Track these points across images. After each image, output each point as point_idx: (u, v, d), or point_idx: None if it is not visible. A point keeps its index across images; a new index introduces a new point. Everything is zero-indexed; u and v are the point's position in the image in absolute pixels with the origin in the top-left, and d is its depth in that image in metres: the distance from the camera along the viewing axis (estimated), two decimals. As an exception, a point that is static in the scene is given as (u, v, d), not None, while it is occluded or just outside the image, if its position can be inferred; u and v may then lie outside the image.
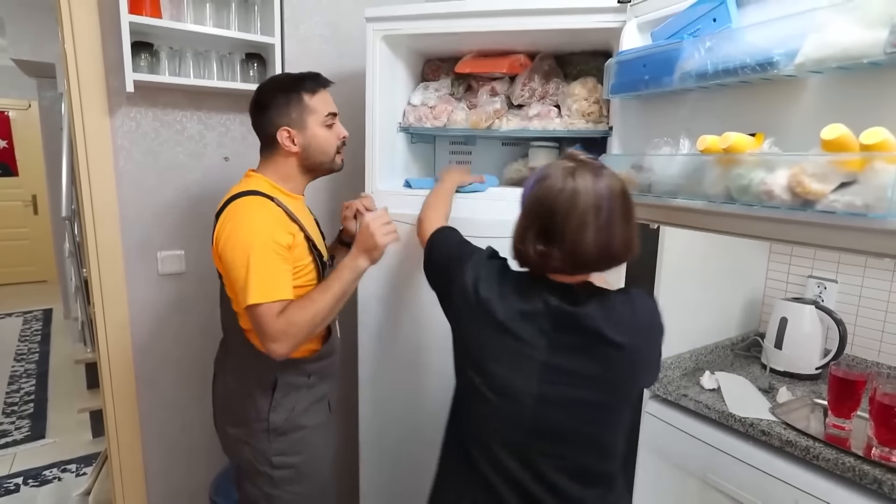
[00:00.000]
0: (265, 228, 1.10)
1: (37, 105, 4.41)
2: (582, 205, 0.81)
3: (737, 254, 1.65)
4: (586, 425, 0.86)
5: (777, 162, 0.88)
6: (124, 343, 1.57)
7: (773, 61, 0.88)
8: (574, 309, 0.85)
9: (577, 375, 0.84)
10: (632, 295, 0.91)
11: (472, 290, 0.92)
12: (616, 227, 0.83)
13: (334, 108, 1.23)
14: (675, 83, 1.07)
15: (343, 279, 1.15)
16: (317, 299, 1.11)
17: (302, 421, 1.22)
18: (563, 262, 0.85)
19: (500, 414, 0.88)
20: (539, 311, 0.86)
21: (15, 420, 2.97)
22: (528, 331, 0.86)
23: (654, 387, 1.45)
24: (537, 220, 0.86)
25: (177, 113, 1.57)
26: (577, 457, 0.87)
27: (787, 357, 1.50)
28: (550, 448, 0.87)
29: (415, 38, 1.43)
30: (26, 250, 5.69)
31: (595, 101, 1.36)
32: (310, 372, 1.23)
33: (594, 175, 0.84)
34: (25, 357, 3.88)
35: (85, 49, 1.40)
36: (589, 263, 0.86)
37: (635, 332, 0.86)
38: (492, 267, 0.95)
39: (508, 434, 0.88)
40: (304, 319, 1.09)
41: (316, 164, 1.23)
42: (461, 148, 1.68)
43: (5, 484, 2.40)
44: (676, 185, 1.07)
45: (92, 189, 1.46)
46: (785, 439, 1.19)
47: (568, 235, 0.82)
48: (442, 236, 1.10)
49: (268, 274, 1.08)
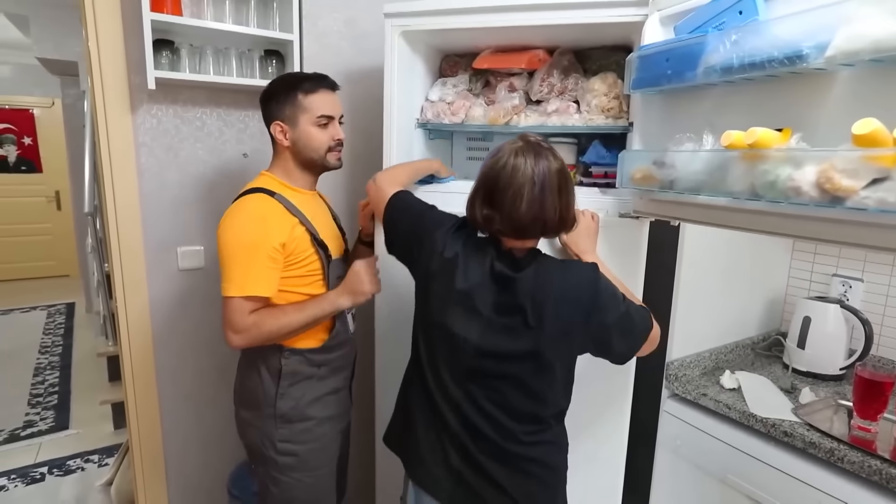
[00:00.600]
0: (257, 225, 1.16)
1: (60, 103, 4.49)
2: (519, 178, 0.95)
3: (758, 251, 1.62)
4: (516, 374, 1.00)
5: (805, 157, 0.86)
6: (145, 337, 1.60)
7: (803, 54, 0.85)
8: (512, 273, 1.00)
9: (511, 333, 0.99)
10: (571, 264, 1.05)
11: (440, 253, 1.06)
12: (548, 199, 0.96)
13: (332, 111, 1.26)
14: (698, 78, 1.05)
15: (321, 309, 1.21)
16: (290, 314, 1.18)
17: (309, 412, 1.27)
18: (503, 225, 0.98)
19: (449, 356, 1.04)
20: (487, 273, 1.01)
21: (40, 411, 3.05)
22: (478, 291, 1.01)
23: (673, 386, 1.43)
24: (484, 188, 1.00)
25: (197, 110, 1.59)
26: (509, 396, 1.01)
27: (810, 357, 1.47)
28: (487, 386, 1.02)
29: (433, 34, 1.42)
30: (49, 245, 5.81)
31: (615, 97, 1.34)
32: (318, 363, 1.27)
33: (535, 154, 0.97)
34: (49, 350, 3.97)
35: (108, 47, 1.42)
36: (524, 228, 0.98)
37: (562, 299, 0.98)
38: (459, 233, 1.08)
39: (454, 371, 1.04)
40: (270, 327, 1.16)
41: (307, 159, 1.27)
42: (479, 144, 1.67)
43: (31, 473, 2.46)
44: (699, 182, 1.06)
45: (114, 185, 1.49)
46: (808, 441, 1.16)
47: (506, 203, 0.96)
48: (405, 200, 1.20)
49: (249, 270, 1.14)
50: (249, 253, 1.14)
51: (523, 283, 0.99)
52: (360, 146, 1.83)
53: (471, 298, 1.01)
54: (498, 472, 1.01)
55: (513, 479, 1.01)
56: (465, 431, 1.03)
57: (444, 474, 1.06)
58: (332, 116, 1.26)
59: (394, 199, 1.19)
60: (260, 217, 1.17)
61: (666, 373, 1.45)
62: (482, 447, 1.02)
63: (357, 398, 1.55)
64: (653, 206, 1.24)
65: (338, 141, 1.28)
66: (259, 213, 1.17)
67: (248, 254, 1.14)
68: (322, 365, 1.28)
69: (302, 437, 1.26)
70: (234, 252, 1.14)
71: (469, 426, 1.03)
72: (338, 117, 1.28)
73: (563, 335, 0.99)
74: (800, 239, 1.42)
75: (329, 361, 1.30)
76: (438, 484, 1.06)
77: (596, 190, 1.33)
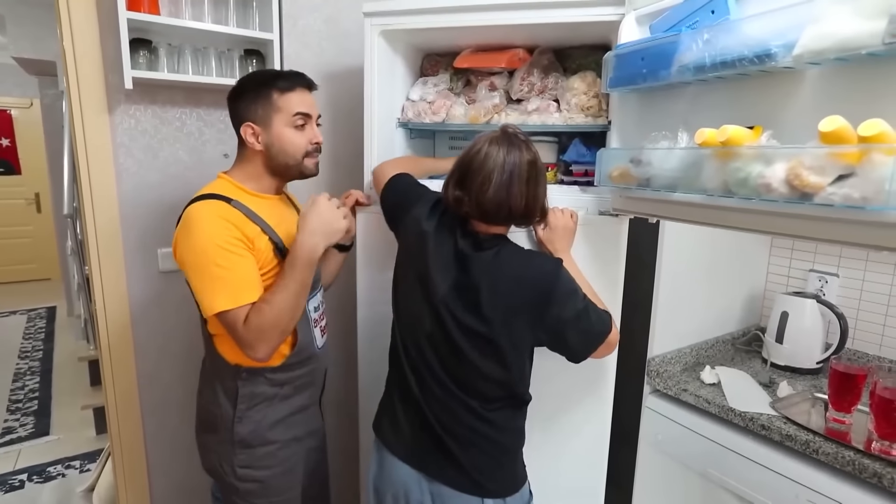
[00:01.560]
0: (217, 231, 1.04)
1: (38, 103, 4.42)
2: (490, 164, 1.00)
3: (738, 248, 1.65)
4: (467, 350, 1.03)
5: (775, 155, 0.87)
6: (125, 340, 1.58)
7: (771, 53, 0.87)
8: (473, 253, 1.04)
9: (464, 310, 1.03)
10: (534, 254, 1.10)
11: (418, 221, 1.12)
12: (514, 187, 1.00)
13: (308, 110, 1.16)
14: (672, 76, 1.06)
15: (298, 271, 1.07)
16: (276, 300, 1.05)
17: (271, 435, 1.17)
18: (471, 208, 1.03)
19: (413, 324, 1.10)
20: (450, 250, 1.07)
21: (19, 417, 3.00)
22: (442, 266, 1.06)
23: (654, 382, 1.45)
24: (458, 171, 1.05)
25: (176, 110, 1.57)
26: (461, 370, 1.05)
27: (787, 351, 1.49)
28: (442, 357, 1.07)
29: (413, 33, 1.42)
30: (29, 248, 5.72)
31: (594, 96, 1.35)
32: (280, 382, 1.17)
33: (509, 144, 1.01)
34: (29, 355, 3.90)
35: (83, 46, 1.40)
36: (489, 212, 1.03)
37: (517, 284, 1.01)
38: (437, 209, 1.14)
39: (417, 338, 1.09)
40: (267, 324, 1.04)
41: (281, 165, 1.16)
42: (461, 143, 1.68)
43: (10, 480, 2.42)
44: (675, 179, 1.07)
45: (92, 186, 1.47)
46: (785, 433, 1.18)
47: (474, 187, 1.01)
48: (403, 177, 1.27)
49: (229, 278, 1.03)
50: (223, 259, 1.03)
51: (480, 263, 1.03)
52: (342, 147, 1.83)
53: (434, 272, 1.06)
54: (447, 438, 1.06)
55: (461, 449, 1.06)
56: (423, 395, 1.09)
57: (403, 433, 1.12)
58: (309, 115, 1.16)
59: (392, 179, 1.26)
60: (215, 220, 1.06)
61: (647, 369, 1.46)
62: (435, 412, 1.08)
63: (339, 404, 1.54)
64: (631, 204, 1.26)
65: (316, 145, 1.18)
66: (217, 219, 1.06)
67: (222, 260, 1.03)
68: (284, 384, 1.18)
69: (264, 461, 1.16)
70: (203, 264, 1.04)
71: (426, 391, 1.09)
72: (315, 118, 1.20)
73: (513, 318, 1.02)
74: (771, 235, 1.46)
75: (292, 380, 1.19)
76: (399, 441, 1.13)
77: (576, 188, 1.34)
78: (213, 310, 1.03)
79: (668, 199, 1.11)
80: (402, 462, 1.11)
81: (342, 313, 1.83)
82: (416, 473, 1.09)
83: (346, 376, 1.92)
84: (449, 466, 1.06)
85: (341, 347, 1.89)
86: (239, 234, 1.06)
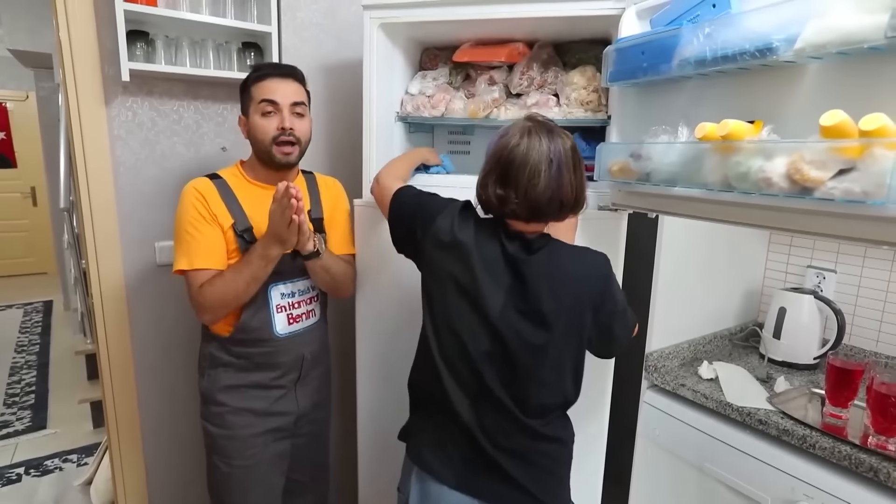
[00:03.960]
0: (189, 201, 1.20)
1: (34, 96, 4.38)
2: (535, 157, 0.94)
3: (736, 244, 1.65)
4: (528, 362, 0.98)
5: (776, 149, 0.87)
6: (123, 334, 1.57)
7: (773, 47, 0.87)
8: (527, 256, 0.98)
9: (525, 319, 0.97)
10: (584, 250, 1.04)
11: (449, 232, 1.03)
12: (565, 177, 0.95)
13: (274, 97, 1.20)
14: (673, 70, 1.06)
15: (253, 266, 1.18)
16: (228, 279, 1.18)
17: (221, 397, 1.28)
18: (518, 206, 0.96)
19: (461, 343, 1.01)
20: (499, 256, 0.99)
21: (16, 411, 2.99)
22: (492, 274, 0.99)
23: (652, 377, 1.45)
24: (497, 168, 0.98)
25: (173, 102, 1.56)
26: (520, 385, 1.00)
27: (785, 347, 1.50)
28: (499, 373, 1.00)
29: (412, 26, 1.42)
30: (26, 242, 5.69)
31: (594, 90, 1.35)
32: (236, 354, 1.27)
33: (548, 132, 0.96)
34: (26, 348, 3.89)
35: (80, 38, 1.39)
36: (542, 208, 0.96)
37: (577, 282, 0.98)
38: (466, 215, 1.07)
39: (467, 359, 1.01)
40: (213, 296, 1.17)
41: (259, 152, 1.26)
42: (459, 137, 1.67)
43: (7, 474, 2.41)
44: (674, 174, 1.07)
45: (89, 179, 1.46)
46: (782, 428, 1.19)
47: (522, 182, 0.94)
48: (408, 192, 1.18)
49: (192, 244, 1.18)
50: (188, 226, 1.18)
51: (536, 266, 0.97)
52: (341, 140, 1.82)
53: (485, 284, 0.99)
54: (503, 459, 1.00)
55: (521, 469, 1.01)
56: (476, 418, 1.01)
57: (451, 459, 1.04)
58: (275, 102, 1.20)
59: (397, 194, 1.17)
60: (189, 193, 1.21)
61: (645, 364, 1.46)
62: (490, 434, 1.01)
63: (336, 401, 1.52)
64: (630, 199, 1.26)
65: (281, 130, 1.21)
66: (189, 190, 1.22)
67: (187, 227, 1.18)
68: (241, 357, 1.27)
69: (214, 420, 1.29)
70: (176, 230, 1.21)
71: (480, 413, 1.01)
72: (287, 105, 1.21)
73: (576, 319, 0.98)
74: (771, 230, 1.46)
75: (249, 356, 1.27)
76: (447, 468, 1.04)
77: (575, 183, 1.33)
78: (175, 268, 1.20)
79: (668, 193, 1.11)
80: (452, 490, 1.02)
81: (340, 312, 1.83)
82: (471, 500, 1.02)
83: (343, 372, 1.92)
84: (508, 489, 1.01)
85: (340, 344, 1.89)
86: (207, 207, 1.20)
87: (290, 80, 1.24)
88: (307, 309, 1.35)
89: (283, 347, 1.30)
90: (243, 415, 1.28)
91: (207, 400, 1.30)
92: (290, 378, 1.34)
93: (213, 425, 1.29)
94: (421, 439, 1.10)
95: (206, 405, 1.31)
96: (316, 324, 1.38)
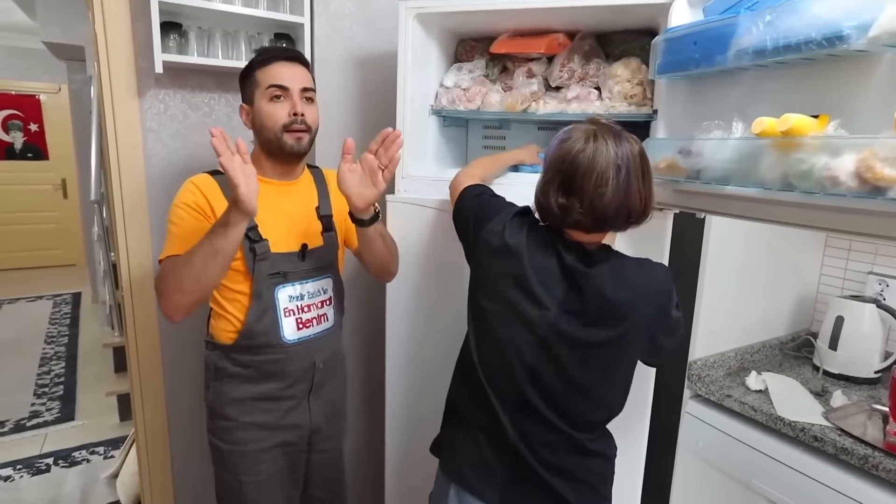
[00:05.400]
0: (182, 195, 1.14)
1: (66, 89, 4.46)
2: (602, 163, 0.88)
3: (787, 247, 1.56)
4: (579, 376, 0.93)
5: (844, 145, 0.81)
6: (151, 328, 1.56)
7: (843, 35, 0.80)
8: (586, 269, 0.92)
9: (578, 334, 0.92)
10: (645, 263, 0.97)
11: (499, 237, 0.98)
12: (633, 185, 0.89)
13: (283, 82, 1.13)
14: (728, 62, 1.00)
15: (212, 232, 1.02)
16: (185, 257, 1.05)
17: (229, 411, 1.19)
18: (583, 216, 0.90)
19: (505, 354, 0.96)
20: (554, 267, 0.94)
21: (46, 401, 3.04)
22: (544, 284, 0.94)
23: (696, 386, 1.38)
24: (559, 175, 0.91)
25: (205, 95, 1.55)
26: (568, 399, 0.95)
27: (842, 359, 1.41)
28: (546, 387, 0.94)
29: (448, 17, 1.37)
30: (55, 234, 5.79)
31: (638, 83, 1.28)
32: (241, 363, 1.17)
33: (615, 136, 0.90)
34: (55, 340, 3.97)
35: (114, 30, 1.38)
36: (608, 218, 0.90)
37: (643, 298, 0.92)
38: (521, 220, 1.01)
39: (510, 371, 0.96)
40: (170, 276, 1.06)
41: (266, 142, 1.16)
42: (494, 132, 1.62)
43: (37, 463, 2.45)
44: (728, 171, 1.01)
45: (121, 171, 1.45)
46: (840, 446, 1.11)
47: (588, 191, 0.88)
48: (476, 189, 1.14)
49: (174, 233, 1.12)
50: (173, 217, 1.12)
51: (596, 280, 0.92)
52: (373, 133, 1.77)
53: (535, 295, 0.94)
54: (550, 477, 0.96)
55: (568, 487, 0.96)
56: (519, 434, 0.96)
57: (494, 476, 0.99)
58: (285, 87, 1.13)
59: (462, 193, 1.14)
60: (185, 187, 1.15)
61: (688, 373, 1.40)
62: (536, 451, 0.96)
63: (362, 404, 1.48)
64: (677, 198, 1.19)
65: (295, 116, 1.13)
66: (186, 185, 1.15)
67: (172, 218, 1.13)
68: (248, 366, 1.17)
69: (221, 434, 1.20)
70: (168, 220, 1.14)
71: (525, 430, 0.96)
72: (297, 90, 1.14)
73: (634, 338, 0.94)
74: (836, 232, 1.38)
75: (256, 364, 1.17)
76: (488, 485, 0.99)
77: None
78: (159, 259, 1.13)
79: (720, 192, 1.04)
80: None
81: (370, 309, 1.80)
82: None
83: (369, 376, 1.88)
84: None
85: (367, 347, 1.86)
86: (200, 201, 1.12)
87: (298, 65, 1.17)
88: (318, 313, 1.24)
89: (293, 354, 1.20)
90: (251, 430, 1.20)
91: (214, 414, 1.21)
92: (300, 388, 1.23)
93: (220, 440, 1.21)
94: (459, 454, 1.05)
95: (212, 419, 1.22)
96: (329, 330, 1.27)
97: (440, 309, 1.41)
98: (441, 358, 1.41)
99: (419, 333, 1.46)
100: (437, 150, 1.56)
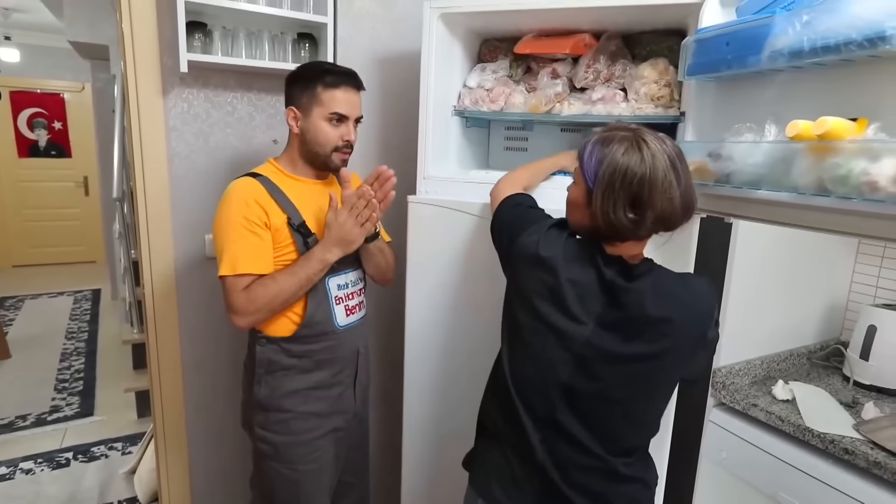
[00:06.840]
0: (238, 205, 1.16)
1: (90, 87, 4.53)
2: (661, 169, 0.85)
3: (817, 253, 1.52)
4: (617, 396, 0.90)
5: (884, 150, 0.78)
6: (172, 325, 1.57)
7: (886, 35, 0.77)
8: (627, 284, 0.89)
9: (618, 351, 0.88)
10: (687, 277, 0.95)
11: (533, 248, 0.96)
12: (689, 179, 0.89)
13: (347, 111, 1.22)
14: (762, 63, 0.97)
15: (310, 269, 1.17)
16: (280, 281, 1.16)
17: (286, 403, 1.24)
18: (655, 224, 0.87)
19: (539, 370, 0.94)
20: (593, 281, 0.91)
21: (66, 396, 3.08)
22: (580, 298, 0.91)
23: (720, 394, 1.35)
24: (622, 190, 0.86)
25: (227, 94, 1.55)
26: (604, 421, 0.92)
27: (874, 369, 1.37)
28: (581, 406, 0.92)
29: (473, 17, 1.36)
30: (77, 231, 5.88)
31: (666, 85, 1.26)
32: (297, 354, 1.23)
33: (654, 138, 0.88)
34: (76, 335, 4.02)
35: (141, 29, 1.40)
36: (677, 221, 0.89)
37: (688, 314, 0.89)
38: (556, 233, 0.99)
39: (544, 388, 0.93)
40: (264, 298, 1.14)
41: (312, 153, 1.24)
42: (517, 133, 1.61)
43: (57, 458, 2.48)
44: (759, 175, 0.98)
45: (144, 169, 1.46)
46: (872, 460, 1.08)
47: (659, 201, 0.85)
48: (516, 199, 1.12)
49: (237, 249, 1.15)
50: (233, 231, 1.15)
51: (637, 296, 0.88)
52: (395, 134, 1.78)
53: (571, 310, 0.91)
54: (582, 502, 0.93)
55: None
56: (550, 456, 0.94)
57: (524, 496, 0.97)
58: (346, 116, 1.22)
59: (505, 199, 1.12)
60: (238, 196, 1.18)
61: (712, 380, 1.36)
62: (568, 474, 0.93)
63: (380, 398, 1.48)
64: (706, 202, 1.16)
65: (346, 142, 1.24)
66: (238, 193, 1.18)
67: (232, 232, 1.15)
68: (303, 357, 1.24)
69: (277, 427, 1.25)
70: (220, 232, 1.17)
71: (556, 451, 0.94)
72: (353, 118, 1.24)
73: (678, 356, 0.90)
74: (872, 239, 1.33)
75: (311, 353, 1.24)
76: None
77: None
78: (220, 273, 1.15)
79: (750, 196, 1.02)
80: None
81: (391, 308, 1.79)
82: None
83: (389, 370, 1.88)
84: None
85: (388, 344, 1.85)
86: (258, 212, 1.16)
87: (359, 94, 1.25)
88: (359, 301, 1.35)
89: (343, 340, 1.29)
90: (309, 419, 1.26)
91: (268, 408, 1.25)
92: (347, 374, 1.32)
93: (275, 433, 1.25)
94: (488, 470, 1.02)
95: (265, 413, 1.25)
96: (365, 317, 1.38)
97: (461, 311, 1.40)
98: (460, 358, 1.40)
99: (439, 335, 1.44)
100: (459, 150, 1.54)
